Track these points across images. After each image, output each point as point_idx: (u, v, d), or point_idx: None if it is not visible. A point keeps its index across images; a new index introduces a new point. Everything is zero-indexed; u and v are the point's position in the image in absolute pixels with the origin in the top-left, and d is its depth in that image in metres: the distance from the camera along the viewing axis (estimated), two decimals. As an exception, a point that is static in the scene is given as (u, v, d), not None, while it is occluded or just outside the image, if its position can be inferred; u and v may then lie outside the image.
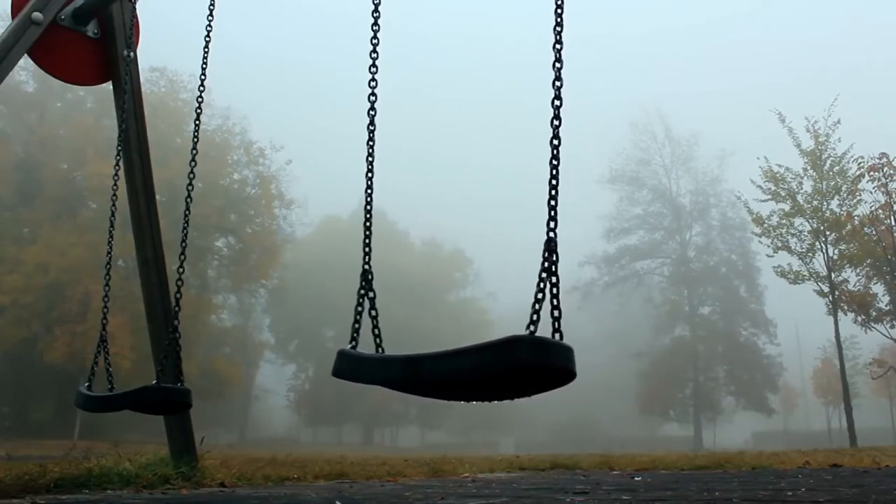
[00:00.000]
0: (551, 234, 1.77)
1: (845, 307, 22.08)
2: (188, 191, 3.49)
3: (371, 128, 2.41)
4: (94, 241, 28.31)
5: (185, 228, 3.49)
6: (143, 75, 4.74)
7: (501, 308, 63.73)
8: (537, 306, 1.68)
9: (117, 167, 3.97)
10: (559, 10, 1.96)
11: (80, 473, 3.76)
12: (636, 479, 4.87)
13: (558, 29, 1.95)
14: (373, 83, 2.43)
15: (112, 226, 3.89)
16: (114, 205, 3.95)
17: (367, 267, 2.18)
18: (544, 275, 1.72)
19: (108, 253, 3.82)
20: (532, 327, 1.65)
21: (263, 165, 39.56)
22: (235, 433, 48.37)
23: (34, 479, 3.49)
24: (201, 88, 3.69)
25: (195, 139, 3.63)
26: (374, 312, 2.15)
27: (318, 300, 54.56)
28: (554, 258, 1.74)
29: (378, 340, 2.09)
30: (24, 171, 33.22)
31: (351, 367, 1.98)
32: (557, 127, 1.87)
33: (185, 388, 3.30)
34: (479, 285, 63.16)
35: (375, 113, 2.41)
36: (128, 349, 27.43)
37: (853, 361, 36.18)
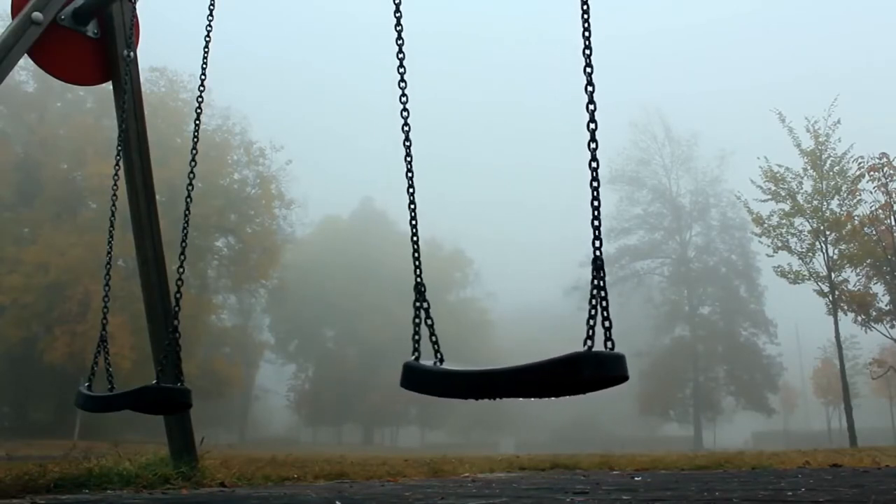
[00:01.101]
0: (598, 253, 1.90)
1: (845, 307, 22.08)
2: (188, 191, 3.48)
3: (407, 143, 2.42)
4: (94, 241, 28.32)
5: (185, 228, 3.49)
6: (143, 75, 4.73)
7: (501, 308, 63.83)
8: (591, 322, 1.80)
9: (117, 167, 3.96)
10: (587, 34, 2.00)
11: (80, 473, 3.76)
12: (636, 479, 4.87)
13: (587, 52, 2.00)
14: (403, 98, 2.43)
15: (112, 226, 3.89)
16: (114, 205, 3.95)
17: (419, 280, 2.25)
18: (595, 291, 1.85)
19: (108, 253, 3.82)
20: (589, 342, 1.78)
21: (263, 165, 39.61)
22: (235, 433, 48.35)
23: (34, 479, 3.48)
24: (201, 88, 3.69)
25: (195, 139, 3.62)
26: (430, 321, 2.21)
27: (318, 300, 54.56)
28: (602, 275, 1.87)
29: (436, 347, 2.17)
30: (24, 171, 33.22)
31: (421, 380, 2.10)
32: (594, 150, 1.94)
33: (185, 388, 3.30)
34: (479, 285, 63.23)
35: (409, 129, 2.42)
36: (128, 349, 27.43)
37: (853, 361, 36.19)
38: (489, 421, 54.92)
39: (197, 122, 3.72)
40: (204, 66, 3.70)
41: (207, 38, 3.68)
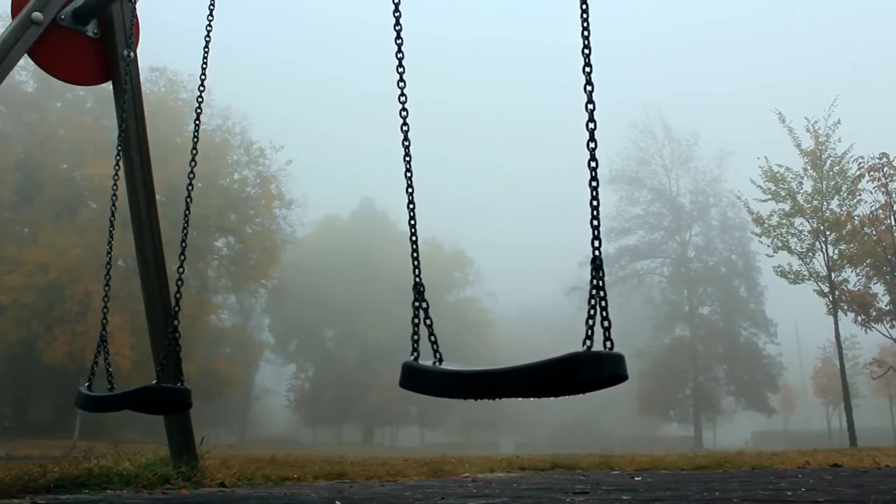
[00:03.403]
0: (596, 253, 1.88)
1: (845, 307, 22.07)
2: (188, 191, 3.48)
3: (406, 143, 2.42)
4: (94, 241, 28.33)
5: (185, 228, 3.49)
6: (143, 75, 4.74)
7: (501, 308, 63.83)
8: (591, 322, 1.80)
9: (117, 167, 3.97)
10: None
11: (80, 473, 3.76)
12: (636, 479, 4.87)
13: (587, 52, 1.98)
14: (402, 98, 2.44)
15: (112, 226, 3.89)
16: (114, 205, 3.96)
17: (418, 280, 2.27)
18: (593, 291, 1.83)
19: (108, 253, 3.83)
20: (588, 342, 1.78)
21: (263, 165, 39.57)
22: (235, 433, 48.38)
23: (34, 479, 3.49)
24: (201, 88, 3.69)
25: (195, 139, 3.62)
26: (429, 322, 2.21)
27: (318, 300, 54.57)
28: (600, 274, 1.86)
29: (435, 347, 2.16)
30: (24, 171, 33.23)
31: (420, 380, 2.10)
32: (594, 150, 1.93)
33: (185, 388, 3.30)
34: (479, 285, 63.21)
35: (408, 129, 2.42)
36: (128, 349, 27.45)
37: (853, 361, 36.17)
38: (489, 421, 54.91)
39: (197, 122, 3.72)
40: (204, 66, 3.70)
41: (207, 38, 3.68)
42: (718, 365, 48.22)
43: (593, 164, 1.91)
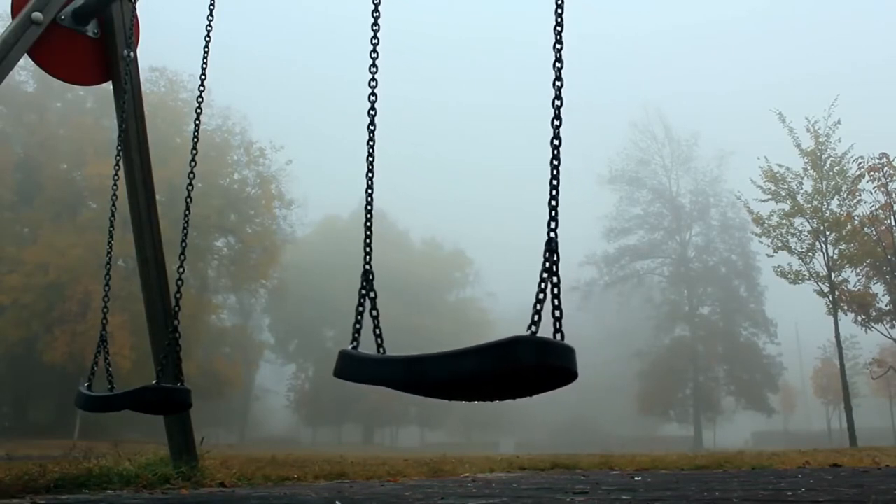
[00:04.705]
0: (552, 235, 1.75)
1: (845, 307, 22.07)
2: (188, 191, 3.49)
3: (371, 128, 2.41)
4: (94, 241, 28.32)
5: (185, 228, 3.49)
6: (143, 75, 4.74)
7: (501, 308, 63.73)
8: (538, 307, 1.67)
9: (117, 167, 3.97)
10: (559, 10, 1.96)
11: (80, 473, 3.76)
12: (636, 479, 4.87)
13: (558, 29, 1.95)
14: (373, 83, 2.43)
15: (112, 226, 3.90)
16: (114, 205, 3.96)
17: (367, 267, 2.20)
18: (545, 275, 1.71)
19: (108, 253, 3.83)
20: (533, 328, 1.63)
21: (263, 165, 39.55)
22: (235, 433, 48.38)
23: (34, 479, 3.49)
24: (201, 88, 3.69)
25: (195, 139, 3.63)
26: (374, 313, 2.14)
27: (318, 300, 54.55)
28: (555, 258, 1.73)
29: (379, 341, 2.08)
30: (24, 171, 33.22)
31: (352, 367, 1.96)
32: (558, 127, 1.87)
33: (185, 388, 3.30)
34: (479, 285, 63.20)
35: (375, 113, 2.40)
36: (128, 349, 27.44)
37: (853, 361, 36.15)
38: (489, 421, 54.90)
39: (197, 122, 3.72)
40: (204, 66, 3.70)
41: (207, 38, 3.69)
42: (718, 365, 48.23)
43: (556, 142, 1.85)
